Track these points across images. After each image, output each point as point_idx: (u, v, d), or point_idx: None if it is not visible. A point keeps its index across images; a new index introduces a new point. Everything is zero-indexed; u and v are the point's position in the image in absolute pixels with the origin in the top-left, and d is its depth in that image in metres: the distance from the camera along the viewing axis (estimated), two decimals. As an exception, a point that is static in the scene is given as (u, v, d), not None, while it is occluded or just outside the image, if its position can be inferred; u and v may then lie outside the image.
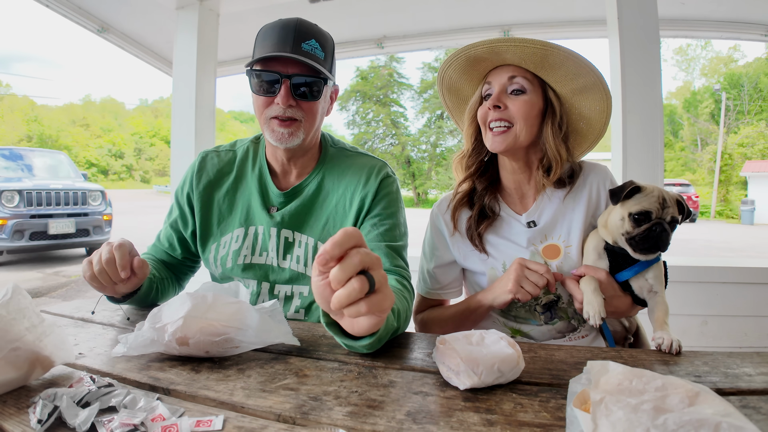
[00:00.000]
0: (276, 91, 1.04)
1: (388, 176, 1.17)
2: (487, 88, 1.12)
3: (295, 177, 1.18)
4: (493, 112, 1.07)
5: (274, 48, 1.03)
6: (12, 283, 0.67)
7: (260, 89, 1.05)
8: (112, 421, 0.53)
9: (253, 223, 1.16)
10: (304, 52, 1.04)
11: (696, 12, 3.22)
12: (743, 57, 37.80)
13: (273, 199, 1.17)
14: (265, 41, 1.06)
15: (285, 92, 1.03)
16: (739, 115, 29.56)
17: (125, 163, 50.21)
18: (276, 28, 1.05)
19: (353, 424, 0.56)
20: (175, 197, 1.24)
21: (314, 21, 1.11)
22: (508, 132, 1.06)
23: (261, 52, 1.04)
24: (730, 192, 25.35)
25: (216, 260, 1.17)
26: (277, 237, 1.13)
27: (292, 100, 1.04)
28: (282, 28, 1.05)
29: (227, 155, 1.24)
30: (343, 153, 1.22)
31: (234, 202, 1.18)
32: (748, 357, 0.78)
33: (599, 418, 0.45)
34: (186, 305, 0.75)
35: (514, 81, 1.07)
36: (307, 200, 1.15)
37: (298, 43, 1.03)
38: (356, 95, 33.77)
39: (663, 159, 2.32)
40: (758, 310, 2.38)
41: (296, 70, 1.03)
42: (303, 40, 1.04)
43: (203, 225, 1.19)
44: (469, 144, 1.19)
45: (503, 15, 3.46)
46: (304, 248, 1.13)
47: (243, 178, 1.20)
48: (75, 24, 3.35)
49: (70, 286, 5.86)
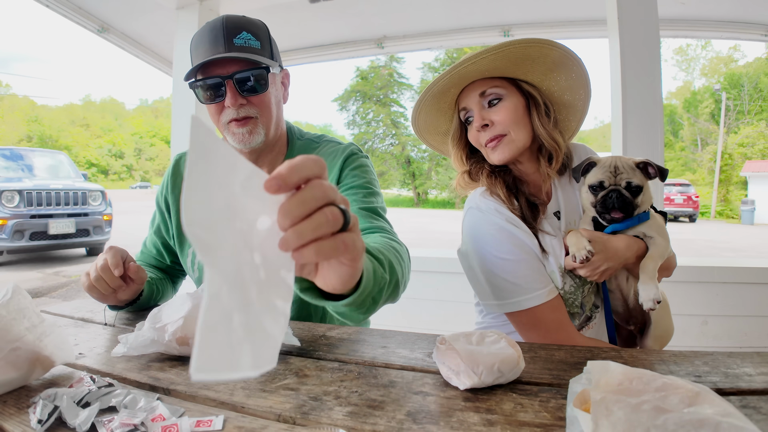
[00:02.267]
0: (223, 95, 1.01)
1: (354, 153, 1.13)
2: (465, 113, 1.10)
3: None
4: (483, 133, 1.06)
5: (207, 53, 1.00)
6: (12, 283, 0.67)
7: (207, 98, 1.03)
8: (113, 421, 0.53)
9: None
10: (238, 47, 1.01)
11: (696, 12, 3.22)
12: (743, 57, 37.83)
13: None
14: (198, 49, 1.03)
15: (231, 93, 1.01)
16: (739, 115, 29.56)
17: (125, 163, 50.22)
18: (204, 33, 1.03)
19: (353, 424, 0.56)
20: (156, 203, 1.24)
21: (314, 21, 1.11)
22: (503, 140, 1.05)
23: (195, 60, 1.02)
24: (730, 192, 25.34)
25: (193, 264, 1.16)
26: None
27: (241, 98, 1.02)
28: (210, 30, 1.02)
29: None
30: (310, 145, 1.19)
31: None
32: (749, 357, 0.78)
33: (599, 418, 0.45)
34: (186, 305, 0.75)
35: (486, 94, 1.05)
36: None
37: (230, 40, 1.00)
38: (356, 95, 33.77)
39: (663, 159, 2.32)
40: (759, 310, 2.38)
41: (236, 68, 1.00)
42: (233, 35, 1.01)
43: (179, 228, 1.18)
44: (464, 165, 1.17)
45: (503, 15, 3.46)
46: None
47: None
48: (75, 24, 3.34)
49: (70, 286, 5.86)
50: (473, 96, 1.07)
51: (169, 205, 1.19)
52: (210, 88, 1.02)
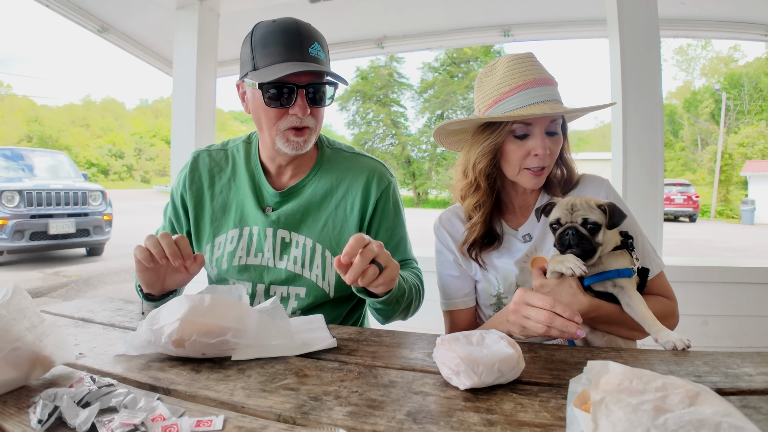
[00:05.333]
0: (291, 102, 1.02)
1: (389, 182, 1.19)
2: (523, 128, 1.03)
3: (289, 177, 1.18)
4: (537, 158, 1.03)
5: (281, 56, 1.00)
6: (12, 283, 0.67)
7: (273, 100, 1.02)
8: (113, 421, 0.53)
9: (247, 223, 1.15)
10: (312, 58, 1.02)
11: (696, 12, 3.22)
12: (743, 57, 37.81)
13: (268, 198, 1.16)
14: (269, 48, 1.01)
15: (303, 103, 1.02)
16: (740, 115, 29.56)
17: (125, 163, 50.21)
18: (277, 34, 1.01)
19: (353, 424, 0.56)
20: (171, 197, 1.24)
21: (314, 21, 1.10)
22: (544, 171, 1.06)
23: (269, 60, 1.01)
24: (730, 192, 25.33)
25: (211, 261, 1.17)
26: (273, 237, 1.13)
27: (308, 109, 1.04)
28: (283, 33, 1.01)
29: (219, 154, 1.23)
30: (341, 154, 1.21)
31: (227, 202, 1.18)
32: (749, 357, 0.78)
33: (599, 418, 0.45)
34: (183, 307, 0.75)
35: (554, 123, 1.04)
36: (305, 201, 1.15)
37: (305, 48, 1.01)
38: (356, 95, 33.74)
39: (663, 159, 2.32)
40: (759, 310, 2.38)
41: (309, 78, 1.02)
42: (308, 45, 1.02)
43: (196, 225, 1.19)
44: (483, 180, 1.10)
45: (503, 15, 3.46)
46: (302, 249, 1.12)
47: (235, 178, 1.19)
48: (75, 24, 3.35)
49: (70, 286, 5.86)
50: (545, 119, 1.03)
51: (185, 201, 1.19)
52: (281, 92, 1.01)
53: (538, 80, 1.03)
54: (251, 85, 1.04)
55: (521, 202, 1.17)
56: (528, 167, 1.05)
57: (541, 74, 1.04)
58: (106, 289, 5.77)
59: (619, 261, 0.97)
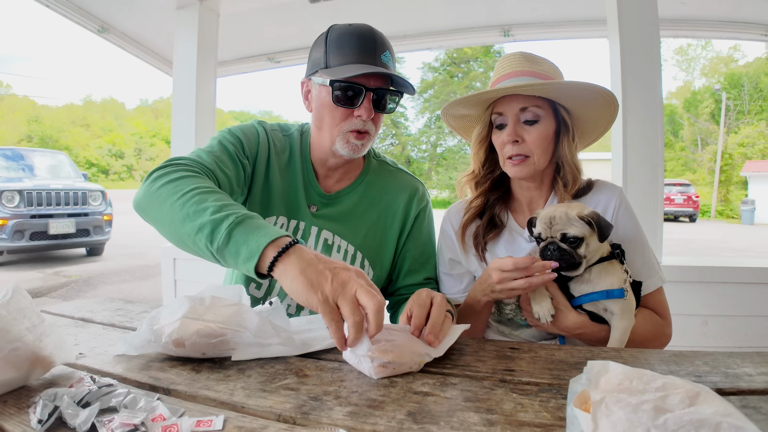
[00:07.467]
0: (358, 104, 1.03)
1: (428, 202, 1.25)
2: (498, 117, 1.09)
3: (335, 181, 1.18)
4: (510, 146, 1.06)
5: (355, 57, 1.02)
6: (12, 283, 0.67)
7: (342, 100, 1.03)
8: (113, 421, 0.53)
9: (295, 216, 1.14)
10: (383, 64, 1.04)
11: (696, 12, 3.22)
12: (743, 57, 37.74)
13: (315, 198, 1.16)
14: (344, 48, 1.03)
15: (369, 106, 1.03)
16: (740, 115, 29.56)
17: (125, 163, 50.20)
18: (352, 36, 1.04)
19: (353, 424, 0.56)
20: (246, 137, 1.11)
21: (314, 21, 1.11)
22: (526, 161, 1.06)
23: (342, 60, 1.02)
24: (730, 192, 25.32)
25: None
26: (317, 236, 1.12)
27: (373, 113, 1.05)
28: (359, 36, 1.04)
29: (278, 135, 1.18)
30: (385, 167, 1.26)
31: (279, 185, 1.13)
32: (749, 357, 0.78)
33: (599, 418, 0.45)
34: (183, 307, 0.75)
35: (527, 111, 1.04)
36: (349, 207, 1.16)
37: (378, 54, 1.03)
38: (356, 95, 33.76)
39: (663, 159, 2.32)
40: (759, 310, 2.38)
41: (378, 84, 1.04)
42: (381, 51, 1.04)
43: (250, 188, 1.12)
44: (479, 167, 1.18)
45: (503, 15, 3.45)
46: (343, 254, 1.12)
47: (290, 167, 1.17)
48: (75, 24, 3.34)
49: (70, 286, 5.86)
50: (514, 107, 1.05)
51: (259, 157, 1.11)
52: (350, 92, 1.02)
53: (524, 71, 1.05)
54: (320, 82, 1.05)
55: (528, 200, 1.17)
56: (507, 155, 1.08)
57: (526, 67, 1.06)
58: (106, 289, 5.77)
59: (609, 276, 0.95)
